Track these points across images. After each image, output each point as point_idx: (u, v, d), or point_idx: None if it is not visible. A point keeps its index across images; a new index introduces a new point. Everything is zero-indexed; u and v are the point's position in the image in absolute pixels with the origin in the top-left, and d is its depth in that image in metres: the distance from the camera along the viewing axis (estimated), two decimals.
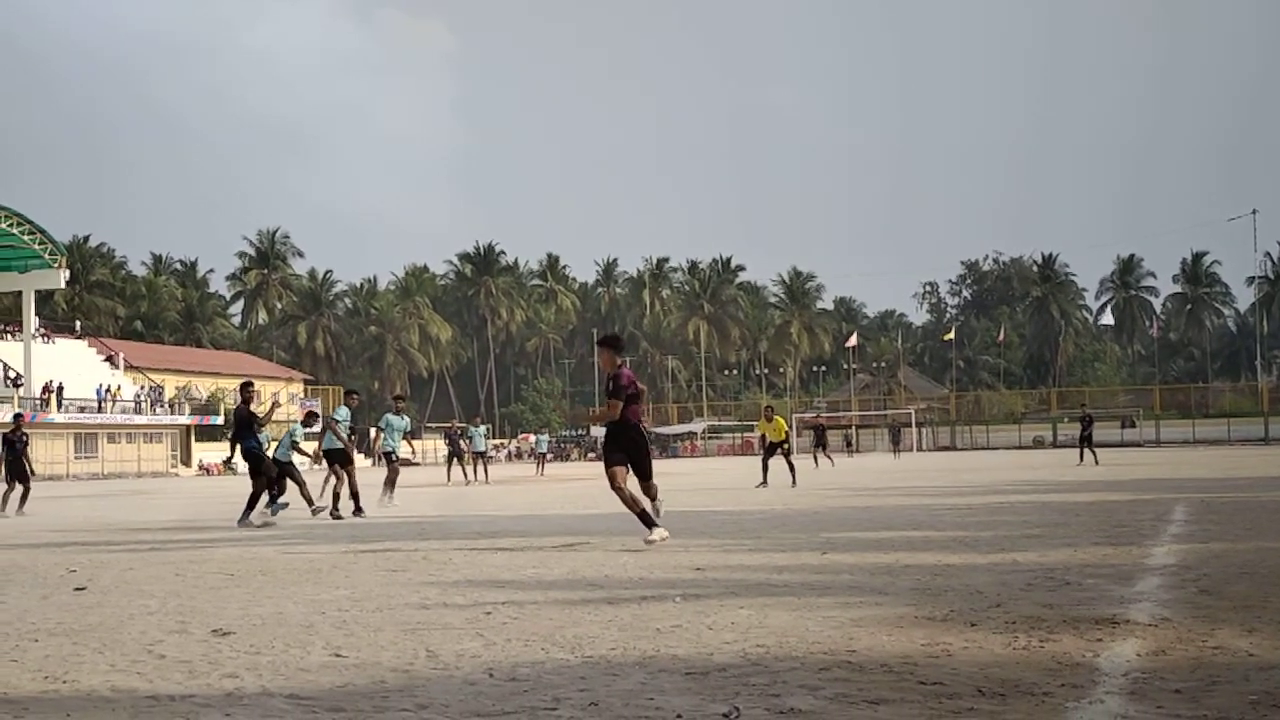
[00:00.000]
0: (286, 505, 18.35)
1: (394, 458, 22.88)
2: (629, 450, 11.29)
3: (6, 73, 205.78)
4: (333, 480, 18.61)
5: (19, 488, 22.87)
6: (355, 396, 20.85)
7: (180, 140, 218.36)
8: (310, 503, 18.39)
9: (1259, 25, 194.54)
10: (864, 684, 4.76)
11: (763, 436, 27.98)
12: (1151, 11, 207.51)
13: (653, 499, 11.59)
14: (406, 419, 23.53)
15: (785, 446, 26.93)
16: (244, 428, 17.59)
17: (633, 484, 11.37)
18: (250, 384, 18.43)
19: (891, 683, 4.77)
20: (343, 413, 19.47)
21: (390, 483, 22.25)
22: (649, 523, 11.07)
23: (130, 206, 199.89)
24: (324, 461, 19.01)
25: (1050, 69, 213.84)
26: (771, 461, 26.86)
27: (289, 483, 18.66)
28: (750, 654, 5.45)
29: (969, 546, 10.33)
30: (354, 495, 18.27)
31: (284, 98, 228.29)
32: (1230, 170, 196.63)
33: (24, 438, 23.51)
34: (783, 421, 27.97)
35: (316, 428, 20.49)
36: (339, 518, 17.75)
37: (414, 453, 34.45)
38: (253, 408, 17.71)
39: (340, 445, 18.71)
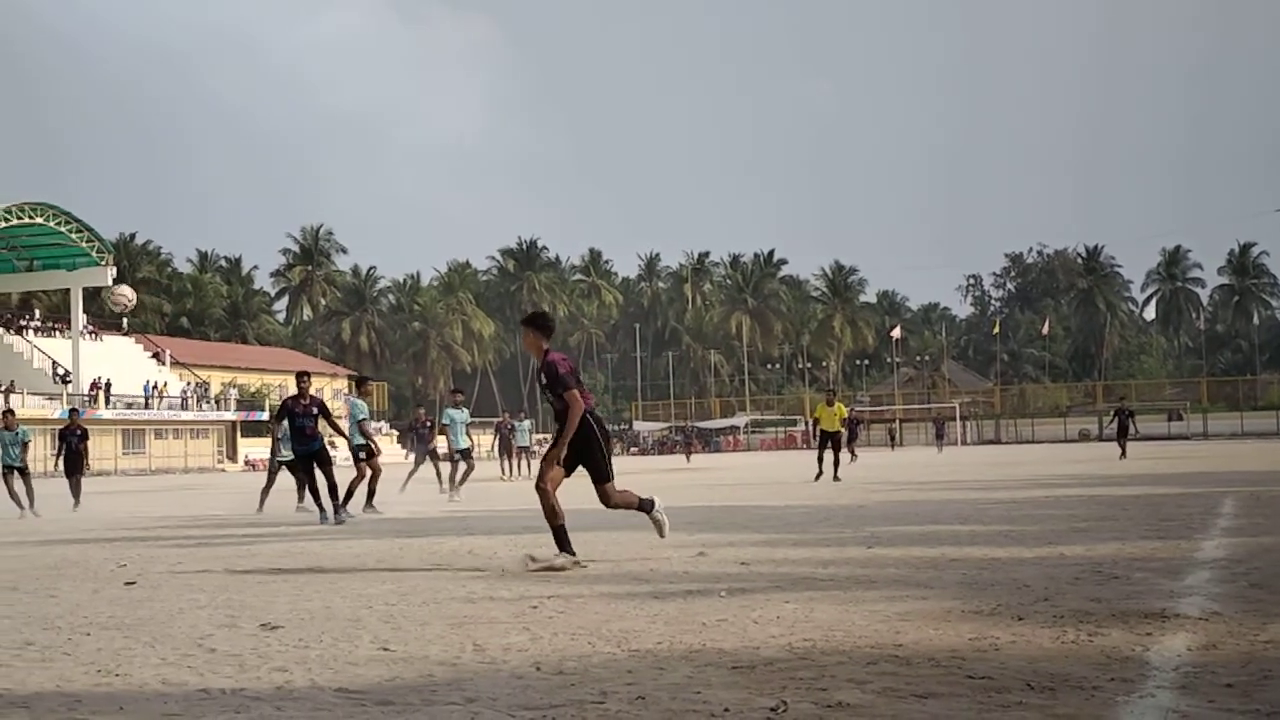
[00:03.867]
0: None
1: (469, 454, 22.97)
2: (576, 448, 9.41)
3: (54, 71, 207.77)
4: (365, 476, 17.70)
5: (76, 480, 23.32)
6: (370, 383, 19.56)
7: (225, 138, 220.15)
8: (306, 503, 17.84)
9: None
10: (911, 678, 4.74)
11: (815, 423, 26.64)
12: (1200, 4, 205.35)
13: (644, 509, 9.81)
14: (466, 411, 23.59)
15: (841, 435, 26.00)
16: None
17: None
18: (305, 374, 17.16)
19: (939, 676, 4.75)
20: (361, 407, 18.31)
21: (453, 478, 22.41)
22: (562, 542, 9.18)
23: (176, 205, 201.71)
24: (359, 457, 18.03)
25: (1096, 61, 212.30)
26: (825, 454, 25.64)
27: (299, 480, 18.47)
28: (796, 648, 5.44)
29: (1015, 540, 10.27)
30: (349, 493, 16.88)
31: (328, 94, 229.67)
32: (1278, 161, 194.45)
33: (79, 432, 23.89)
34: (844, 409, 26.53)
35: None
36: (377, 511, 17.48)
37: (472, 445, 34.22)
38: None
39: (364, 440, 17.82)
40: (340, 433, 17.23)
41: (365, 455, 17.81)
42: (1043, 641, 5.43)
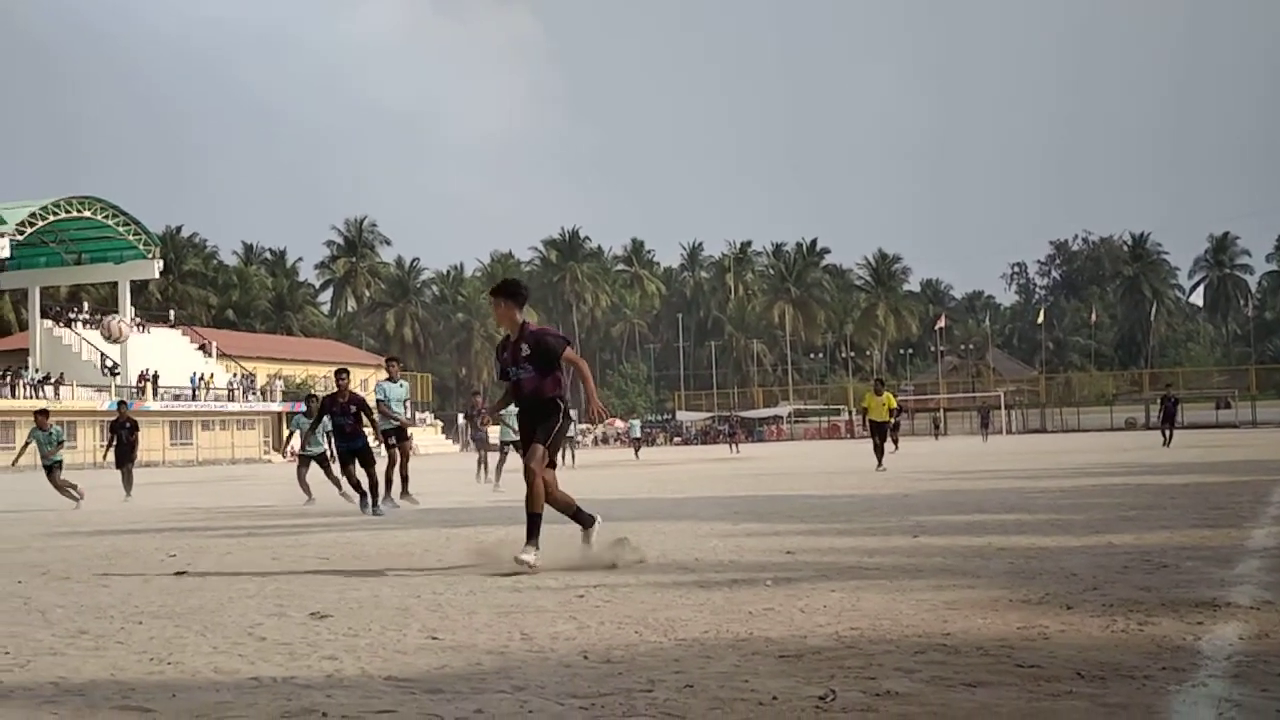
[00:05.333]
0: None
1: (516, 446, 23.13)
2: (534, 423, 8.66)
3: (102, 67, 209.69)
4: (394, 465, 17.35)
5: (127, 471, 23.64)
6: (397, 364, 18.18)
7: (268, 130, 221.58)
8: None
9: None
10: (960, 667, 4.73)
11: (863, 413, 26.40)
12: None
13: (532, 526, 8.45)
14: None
15: (893, 423, 25.75)
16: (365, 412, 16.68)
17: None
18: (344, 370, 17.04)
19: (988, 665, 4.73)
20: (394, 390, 17.44)
21: (499, 469, 22.59)
22: (533, 533, 8.41)
23: (220, 197, 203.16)
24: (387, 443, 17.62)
25: (1143, 47, 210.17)
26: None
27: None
28: (844, 637, 5.43)
29: (1062, 529, 10.22)
30: (387, 482, 16.83)
31: (370, 86, 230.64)
32: None
33: (129, 424, 24.17)
34: (892, 399, 26.29)
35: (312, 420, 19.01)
36: (413, 501, 17.29)
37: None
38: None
39: (396, 423, 17.40)
40: (377, 432, 17.04)
41: (396, 439, 17.45)
42: (1092, 630, 5.40)
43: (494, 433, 24.75)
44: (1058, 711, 4.02)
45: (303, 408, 20.90)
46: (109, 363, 73.94)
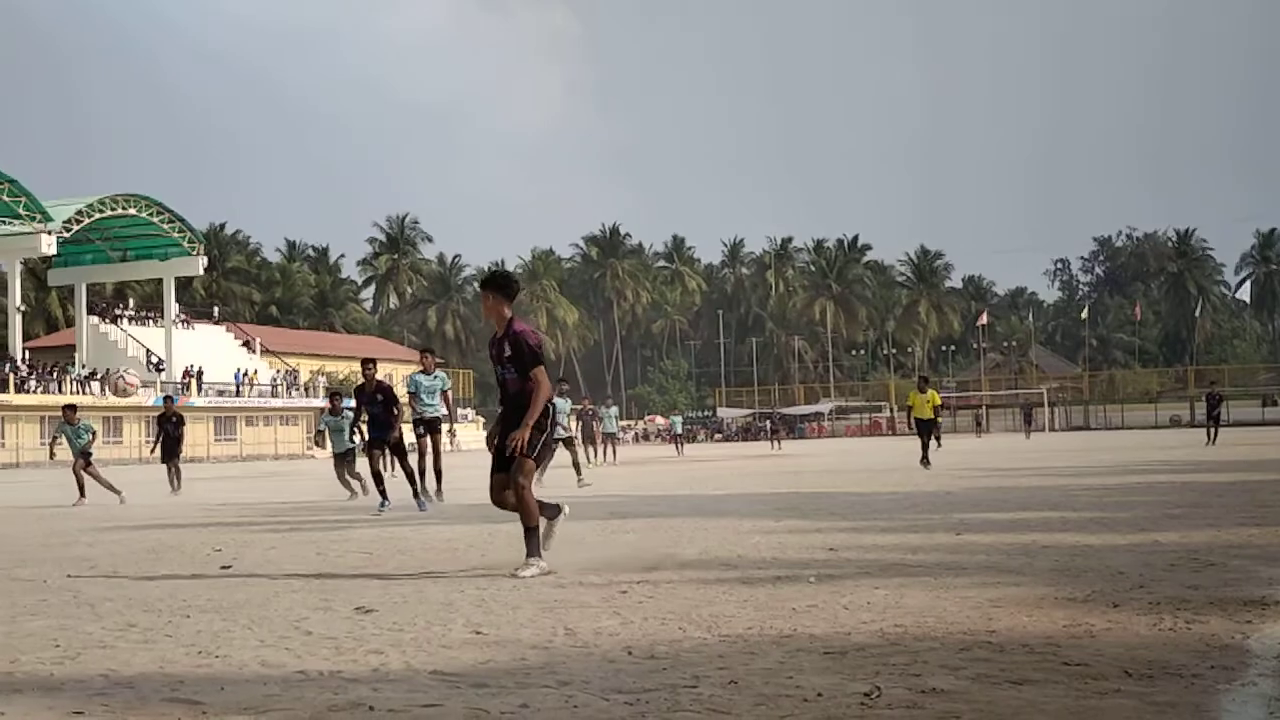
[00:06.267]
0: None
1: (570, 441, 23.33)
2: (510, 423, 8.27)
3: (149, 70, 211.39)
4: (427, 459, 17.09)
5: (175, 465, 23.95)
6: (430, 356, 17.82)
7: (310, 128, 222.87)
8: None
9: None
10: (1006, 664, 4.71)
11: (908, 410, 26.14)
12: None
13: (530, 542, 8.06)
14: (569, 400, 23.87)
15: (938, 422, 25.50)
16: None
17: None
18: (369, 361, 16.67)
19: (1034, 663, 4.71)
20: (426, 382, 17.18)
21: (576, 466, 22.79)
22: (533, 547, 8.02)
23: (264, 194, 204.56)
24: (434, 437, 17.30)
25: (1184, 42, 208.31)
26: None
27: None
28: (888, 634, 5.42)
29: (1107, 527, 10.15)
30: (421, 474, 16.49)
31: (412, 84, 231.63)
32: None
33: (175, 419, 24.42)
34: (937, 396, 25.76)
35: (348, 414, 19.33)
36: (437, 499, 16.87)
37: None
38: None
39: (432, 415, 17.12)
40: (393, 425, 16.56)
41: (426, 431, 17.24)
42: (1139, 629, 5.37)
43: None
44: (1105, 710, 4.00)
45: (331, 405, 21.08)
46: (154, 359, 74.60)
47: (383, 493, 16.07)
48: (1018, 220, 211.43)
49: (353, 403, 17.85)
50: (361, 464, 18.84)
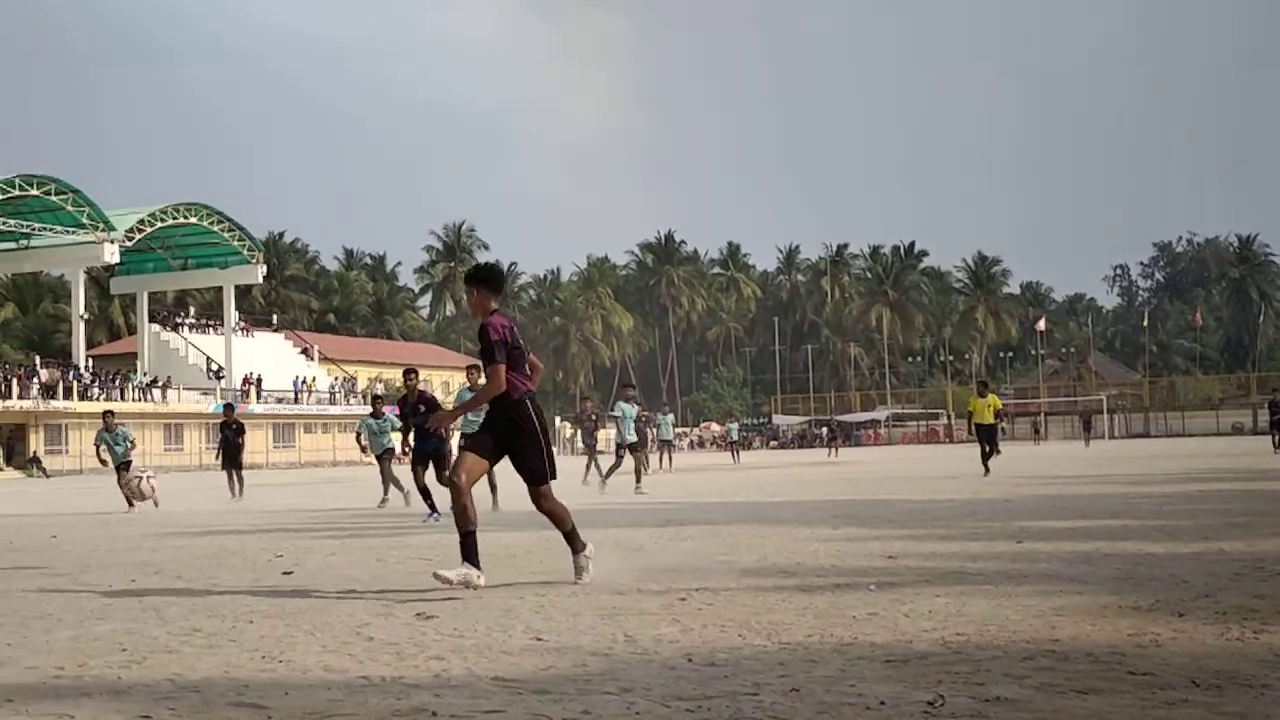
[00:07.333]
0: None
1: (637, 447, 23.34)
2: (503, 436, 8.06)
3: (207, 75, 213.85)
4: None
5: (237, 472, 24.28)
6: (478, 371, 16.83)
7: (367, 136, 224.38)
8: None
9: None
10: (1070, 673, 4.67)
11: (968, 417, 25.77)
12: None
13: (571, 542, 8.16)
14: (636, 406, 23.93)
15: (999, 426, 25.13)
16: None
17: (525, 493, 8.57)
18: (412, 370, 17.29)
19: (1099, 673, 4.67)
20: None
21: (609, 471, 22.81)
22: (469, 553, 7.84)
23: (321, 203, 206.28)
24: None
25: (1243, 45, 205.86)
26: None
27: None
28: (950, 642, 5.39)
29: (1170, 535, 10.04)
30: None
31: (468, 90, 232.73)
32: None
33: (235, 425, 24.68)
34: (997, 401, 25.64)
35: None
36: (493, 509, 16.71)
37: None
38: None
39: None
40: (439, 435, 16.55)
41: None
42: (1206, 638, 5.31)
43: (601, 436, 25.14)
44: None
45: (373, 409, 21.20)
46: (214, 366, 75.39)
47: (431, 505, 15.88)
48: (1079, 226, 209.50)
49: (395, 409, 18.03)
50: (402, 471, 18.93)
